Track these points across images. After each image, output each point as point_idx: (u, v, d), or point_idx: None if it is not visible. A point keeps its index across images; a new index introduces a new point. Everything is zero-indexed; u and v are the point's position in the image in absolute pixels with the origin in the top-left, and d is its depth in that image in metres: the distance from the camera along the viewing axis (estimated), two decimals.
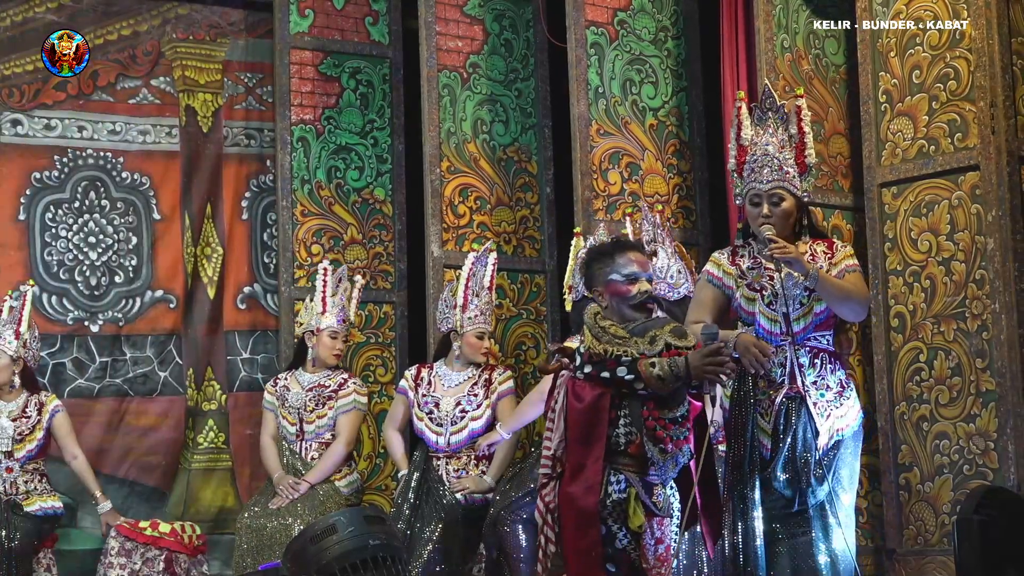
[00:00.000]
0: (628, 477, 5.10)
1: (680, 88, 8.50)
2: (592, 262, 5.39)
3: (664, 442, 5.09)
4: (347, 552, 6.16)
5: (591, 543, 5.07)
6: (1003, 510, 5.08)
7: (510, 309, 8.72)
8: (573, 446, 5.13)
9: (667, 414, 5.12)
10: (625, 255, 5.32)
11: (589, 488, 5.08)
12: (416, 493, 7.37)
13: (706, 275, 5.71)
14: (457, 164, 8.75)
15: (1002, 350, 6.56)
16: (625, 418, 5.10)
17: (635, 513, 5.11)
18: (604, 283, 5.29)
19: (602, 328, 5.18)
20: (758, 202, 5.58)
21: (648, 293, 5.27)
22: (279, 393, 7.88)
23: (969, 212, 6.72)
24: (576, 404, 5.13)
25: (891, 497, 6.90)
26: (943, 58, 6.83)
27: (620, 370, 5.06)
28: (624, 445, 5.10)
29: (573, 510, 5.10)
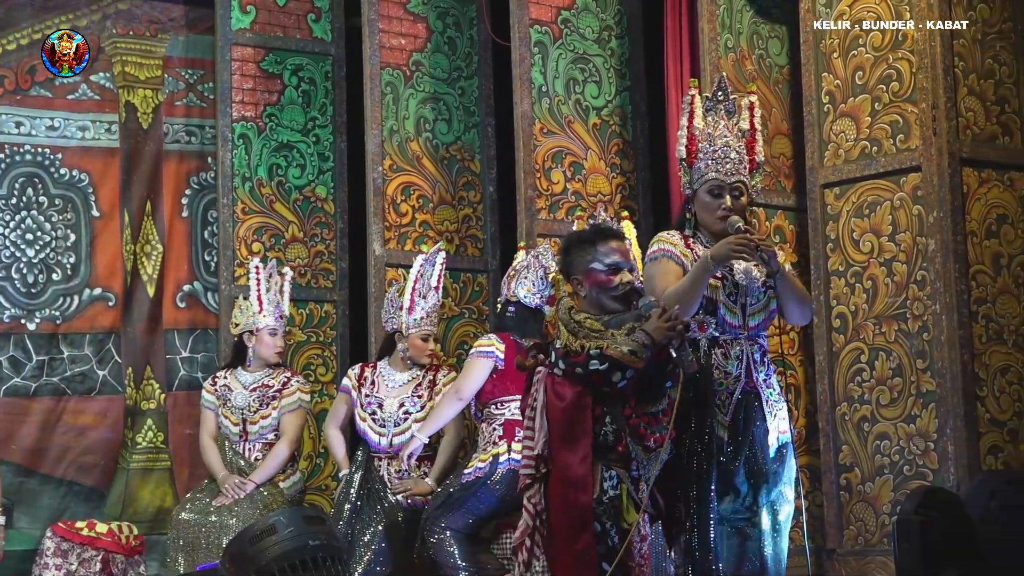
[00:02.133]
0: (619, 474, 5.07)
1: (624, 87, 8.49)
2: (572, 248, 5.31)
3: (647, 439, 5.06)
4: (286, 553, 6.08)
5: (585, 545, 5.03)
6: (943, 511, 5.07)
7: (452, 308, 8.69)
8: (557, 445, 5.08)
9: (649, 408, 5.09)
10: (607, 244, 5.26)
11: (581, 488, 5.04)
12: (358, 494, 7.32)
13: (663, 252, 5.37)
14: (400, 162, 8.71)
15: (942, 351, 6.58)
16: (609, 415, 5.07)
17: (628, 510, 5.09)
18: (584, 272, 5.23)
19: (577, 323, 5.13)
20: (719, 193, 5.35)
21: (630, 284, 5.23)
22: (219, 392, 7.81)
23: (911, 213, 6.74)
24: (557, 403, 5.08)
25: (832, 497, 6.91)
26: (886, 59, 6.85)
27: (592, 363, 5.02)
28: (612, 442, 5.07)
29: (566, 511, 5.05)
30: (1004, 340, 6.73)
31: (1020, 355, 6.76)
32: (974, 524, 5.05)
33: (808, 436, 7.39)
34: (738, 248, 5.15)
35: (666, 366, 5.09)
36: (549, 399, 5.10)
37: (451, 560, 6.94)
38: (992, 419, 6.63)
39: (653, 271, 5.34)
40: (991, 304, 6.71)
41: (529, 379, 5.24)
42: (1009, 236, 6.82)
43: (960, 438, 6.50)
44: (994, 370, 6.67)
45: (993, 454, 6.60)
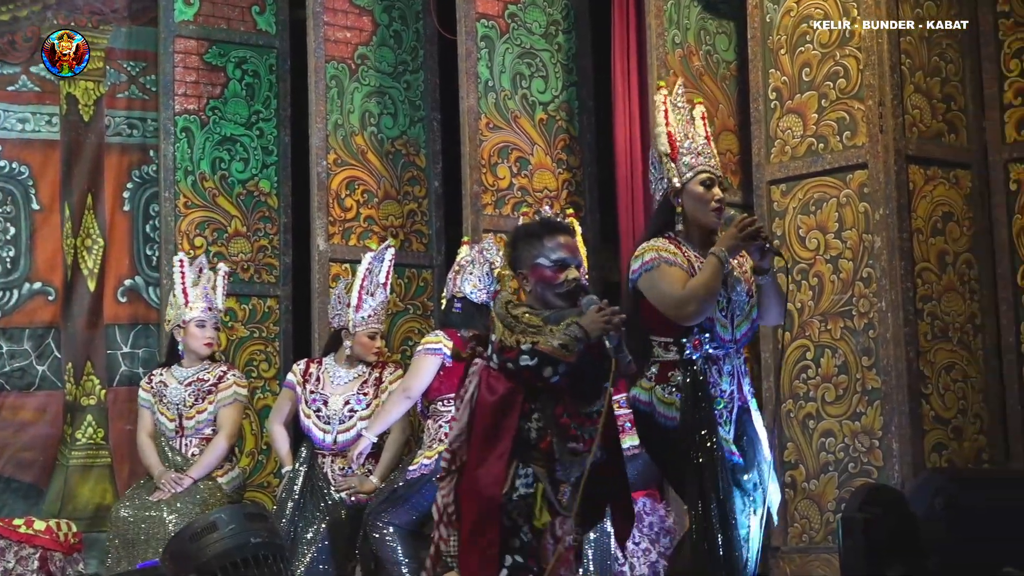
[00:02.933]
0: (536, 472, 5.02)
1: (570, 83, 8.47)
2: (519, 242, 5.24)
3: (576, 440, 5.02)
4: (228, 550, 6.05)
5: (488, 541, 4.98)
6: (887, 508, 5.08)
7: (397, 304, 8.65)
8: (478, 440, 5.03)
9: (583, 408, 5.05)
10: (555, 239, 5.18)
11: (492, 483, 4.99)
12: (301, 491, 7.27)
13: (661, 259, 5.19)
14: (344, 157, 8.66)
15: (888, 348, 6.58)
16: (538, 412, 5.02)
17: (541, 511, 5.04)
18: (530, 266, 5.17)
19: (514, 317, 5.07)
20: (711, 184, 5.27)
21: (576, 281, 5.16)
22: (155, 390, 7.72)
23: (857, 210, 6.74)
24: (488, 397, 5.03)
25: None
26: (833, 56, 6.85)
27: (523, 358, 4.97)
28: (535, 440, 5.02)
29: (474, 505, 5.00)
30: (949, 338, 6.74)
31: (965, 353, 6.77)
32: (918, 521, 5.06)
33: None
34: (745, 234, 5.12)
35: (600, 367, 5.05)
36: (481, 392, 5.05)
37: (394, 556, 6.91)
38: (937, 417, 6.64)
39: (656, 279, 5.18)
40: (936, 302, 6.72)
41: (466, 370, 5.20)
42: (954, 234, 6.83)
43: (905, 436, 6.51)
44: (939, 368, 6.68)
45: (937, 451, 6.61)
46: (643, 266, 5.22)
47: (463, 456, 5.05)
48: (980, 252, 6.89)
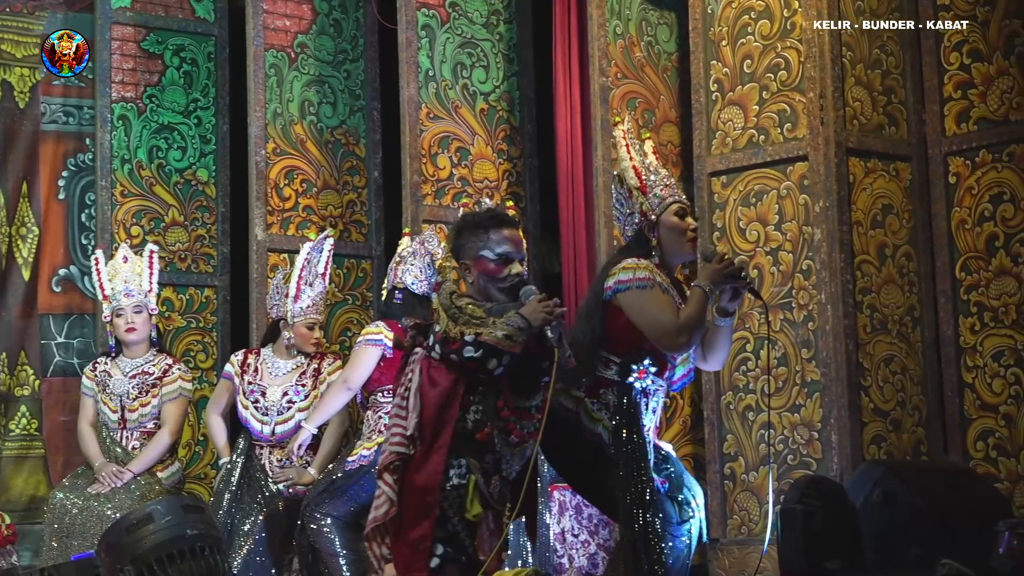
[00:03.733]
0: (470, 463, 4.99)
1: (512, 73, 8.44)
2: (464, 231, 5.20)
3: (515, 433, 5.00)
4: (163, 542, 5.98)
5: (423, 533, 4.96)
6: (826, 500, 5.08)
7: (335, 295, 8.60)
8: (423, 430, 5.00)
9: (523, 403, 5.03)
10: (500, 232, 5.15)
11: (430, 475, 4.97)
12: (238, 483, 7.22)
13: (656, 283, 5.18)
14: (283, 146, 8.60)
15: (827, 340, 6.59)
16: (478, 404, 4.99)
17: (473, 503, 5.01)
18: (474, 258, 5.13)
19: (458, 308, 5.04)
20: (684, 214, 5.30)
21: (519, 276, 5.13)
22: (99, 379, 7.64)
23: (797, 202, 6.74)
24: (430, 388, 5.00)
25: (715, 487, 6.91)
26: (774, 48, 6.85)
27: (467, 350, 4.94)
28: (472, 431, 4.99)
29: (412, 496, 4.98)
30: (888, 330, 6.76)
31: (903, 345, 6.80)
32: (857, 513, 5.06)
33: (693, 425, 7.39)
34: (729, 271, 5.16)
35: (542, 360, 5.04)
36: (424, 383, 5.02)
37: (331, 547, 6.87)
38: (875, 409, 6.66)
39: (650, 301, 5.14)
40: (875, 294, 6.74)
41: (405, 359, 5.15)
42: (894, 226, 6.85)
43: (844, 428, 6.52)
44: (878, 360, 6.70)
45: (876, 444, 6.63)
46: (635, 282, 5.18)
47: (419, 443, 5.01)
48: (919, 245, 6.91)
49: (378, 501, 5.08)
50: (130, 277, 7.64)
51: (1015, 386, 6.64)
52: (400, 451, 5.03)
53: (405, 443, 5.02)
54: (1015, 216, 6.70)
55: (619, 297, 5.16)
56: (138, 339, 7.62)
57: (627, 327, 5.15)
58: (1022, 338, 6.64)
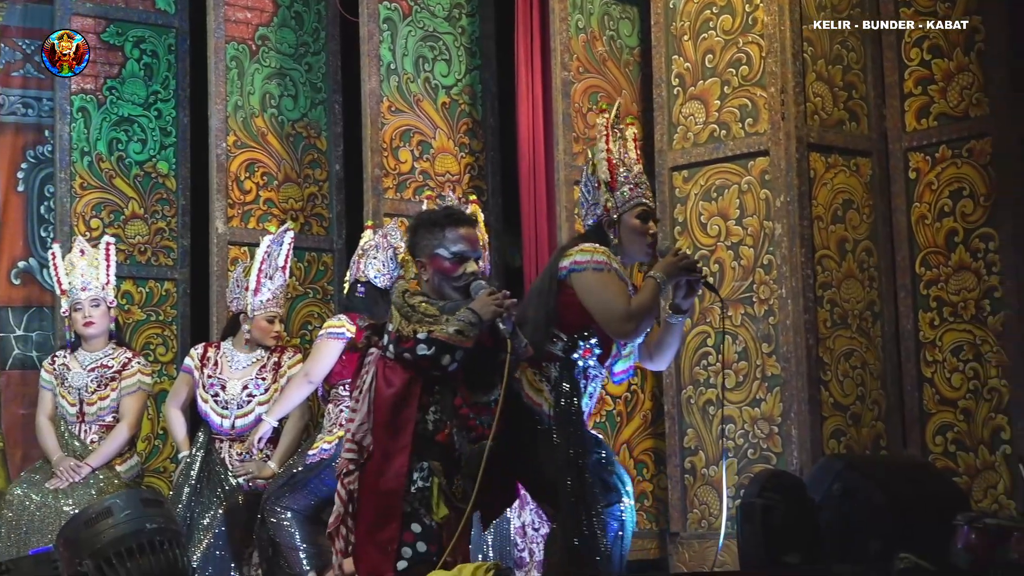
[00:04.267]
0: (432, 466, 4.99)
1: (474, 66, 8.43)
2: (420, 229, 5.19)
3: (475, 430, 4.99)
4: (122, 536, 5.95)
5: (389, 536, 4.95)
6: (786, 494, 5.10)
7: (296, 288, 8.57)
8: (379, 432, 4.99)
9: (481, 398, 5.02)
10: (456, 231, 5.14)
11: (394, 477, 4.96)
12: (198, 476, 7.20)
13: (611, 267, 5.18)
14: (244, 139, 8.56)
15: (788, 335, 6.61)
16: (436, 404, 4.99)
17: (439, 505, 5.01)
18: (429, 256, 5.13)
19: (411, 307, 5.03)
20: (647, 217, 5.28)
21: (474, 275, 5.13)
22: (58, 372, 7.60)
23: (758, 197, 6.76)
24: (385, 389, 4.99)
25: (676, 480, 6.92)
26: (736, 43, 6.87)
27: (420, 348, 4.93)
28: (433, 432, 4.99)
29: (376, 499, 4.97)
30: (848, 325, 6.78)
31: (863, 340, 6.82)
32: (816, 508, 5.08)
33: (653, 419, 7.40)
34: (684, 265, 5.16)
35: (496, 354, 5.03)
36: (378, 383, 5.01)
37: (291, 541, 6.85)
38: (835, 403, 6.68)
39: (603, 284, 5.14)
40: (836, 289, 6.76)
41: (361, 360, 5.14)
42: (854, 221, 6.87)
43: (804, 422, 6.54)
44: (838, 354, 6.73)
45: (836, 438, 6.66)
46: (592, 263, 5.17)
47: (370, 447, 5.00)
48: (879, 240, 6.94)
49: (335, 507, 5.10)
50: (87, 271, 7.60)
51: (974, 381, 6.68)
52: (351, 457, 5.03)
53: (355, 449, 5.02)
54: (974, 211, 6.73)
55: (573, 277, 5.16)
56: (96, 333, 7.58)
57: (578, 307, 5.14)
58: (981, 333, 6.67)
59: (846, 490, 5.07)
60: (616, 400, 7.37)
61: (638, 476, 7.40)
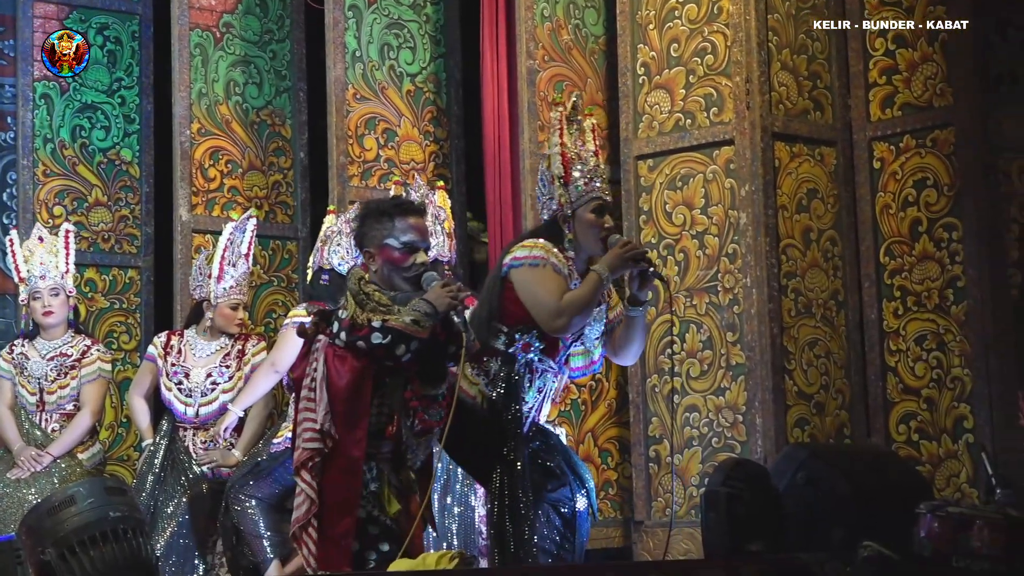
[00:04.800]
0: (380, 467, 4.99)
1: (439, 55, 8.41)
2: (368, 219, 5.15)
3: (424, 424, 4.98)
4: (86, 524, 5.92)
5: (345, 530, 4.93)
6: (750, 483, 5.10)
7: (261, 276, 8.54)
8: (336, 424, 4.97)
9: (430, 391, 5.01)
10: (405, 220, 5.10)
11: (353, 471, 4.94)
12: (161, 465, 7.17)
13: (548, 262, 5.15)
14: (208, 126, 8.53)
15: (752, 324, 6.62)
16: (380, 398, 4.97)
17: (390, 501, 5.01)
18: (378, 247, 5.09)
19: (366, 295, 5.00)
20: (602, 212, 5.24)
21: (424, 265, 5.10)
22: (16, 361, 7.56)
23: (723, 186, 6.77)
24: (337, 381, 4.96)
25: (640, 469, 6.93)
26: (701, 32, 6.87)
27: (375, 336, 4.91)
28: (380, 427, 4.97)
29: (334, 493, 4.95)
30: (812, 314, 6.80)
31: (828, 329, 6.84)
32: (780, 496, 5.09)
33: (618, 408, 7.40)
34: (630, 255, 5.11)
35: (447, 347, 5.02)
36: (330, 373, 4.98)
37: (255, 530, 6.84)
38: (800, 392, 6.70)
39: (537, 279, 5.12)
40: (800, 278, 6.78)
41: (309, 347, 5.10)
42: (819, 210, 6.89)
43: (768, 411, 6.56)
44: (802, 343, 6.74)
45: (800, 426, 6.68)
46: (529, 259, 5.16)
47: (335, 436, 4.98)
48: (844, 229, 6.96)
49: (298, 500, 5.03)
50: (46, 258, 7.55)
51: (937, 370, 6.71)
52: (314, 447, 4.98)
53: (318, 438, 4.98)
54: (938, 201, 6.76)
55: (512, 272, 5.16)
56: (56, 322, 7.54)
57: (518, 302, 5.14)
58: (944, 322, 6.70)
59: (810, 479, 5.08)
60: (581, 389, 7.38)
61: (602, 464, 7.41)
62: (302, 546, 5.03)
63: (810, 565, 4.62)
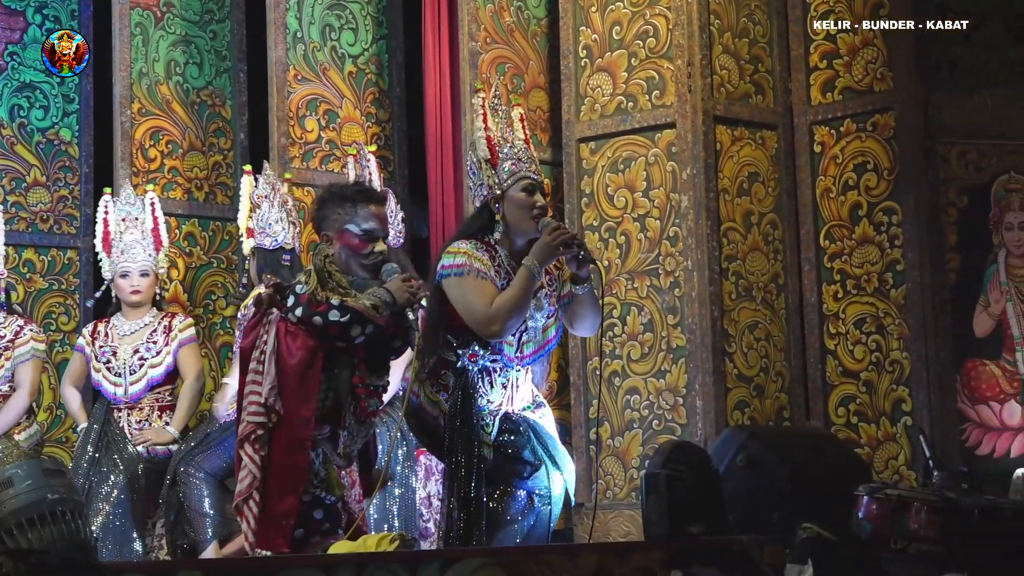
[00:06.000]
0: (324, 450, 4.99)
1: (380, 36, 8.38)
2: (329, 202, 5.15)
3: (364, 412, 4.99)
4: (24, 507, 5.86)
5: (285, 510, 4.92)
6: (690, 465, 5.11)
7: (200, 257, 8.49)
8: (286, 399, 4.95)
9: (375, 380, 5.02)
10: (367, 207, 5.11)
11: (300, 449, 4.93)
12: (95, 446, 7.14)
13: (473, 269, 5.09)
14: (149, 106, 8.46)
15: (693, 307, 6.64)
16: (326, 383, 4.97)
17: (337, 483, 5.02)
18: (338, 232, 5.09)
19: (329, 273, 5.01)
20: (533, 190, 5.21)
21: (382, 255, 5.11)
22: None
23: (665, 169, 6.78)
24: (288, 359, 4.95)
25: (581, 451, 6.94)
26: (643, 15, 6.87)
27: (332, 313, 4.91)
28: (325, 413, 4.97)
29: (281, 469, 4.94)
30: (753, 297, 6.82)
31: (768, 312, 6.87)
32: (720, 478, 5.11)
33: (559, 390, 7.40)
34: (558, 242, 5.07)
35: (394, 341, 5.03)
36: (280, 349, 4.97)
37: (200, 506, 6.83)
38: (740, 375, 6.72)
39: (464, 288, 5.07)
40: (741, 261, 6.80)
41: (260, 318, 5.08)
42: (760, 194, 6.91)
43: (708, 393, 6.58)
44: (742, 326, 6.76)
45: (740, 409, 6.70)
46: (453, 268, 5.12)
47: (280, 411, 4.96)
48: (784, 213, 6.98)
49: (241, 474, 5.02)
50: None
51: (876, 353, 6.74)
52: (258, 421, 4.97)
53: (262, 412, 4.97)
54: (878, 185, 6.79)
55: (443, 283, 5.12)
56: None
57: (454, 311, 5.13)
58: (884, 306, 6.74)
59: (749, 461, 5.10)
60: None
61: None
62: (243, 519, 5.02)
63: (749, 547, 4.64)
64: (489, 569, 4.15)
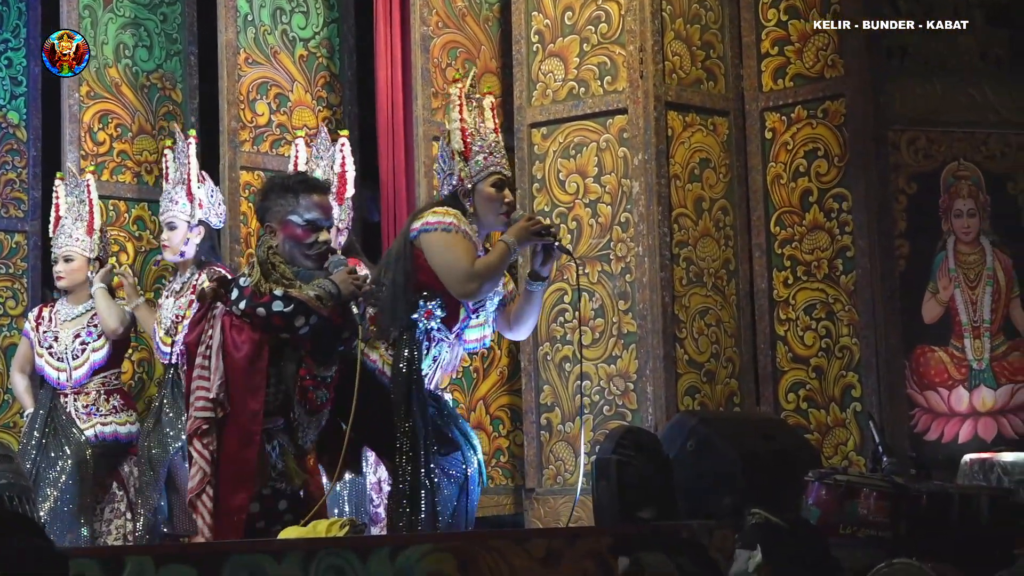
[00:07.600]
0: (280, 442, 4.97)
1: (332, 19, 8.34)
2: (271, 193, 5.12)
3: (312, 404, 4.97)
4: None
5: (238, 505, 4.90)
6: (640, 450, 5.13)
7: (150, 241, 8.44)
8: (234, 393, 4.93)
9: (322, 372, 5.00)
10: (310, 197, 5.08)
11: (249, 443, 4.91)
12: (42, 431, 7.11)
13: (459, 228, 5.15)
14: (97, 89, 8.39)
15: (644, 292, 6.65)
16: (274, 376, 4.95)
17: (296, 473, 5.00)
18: (281, 222, 5.07)
19: (272, 265, 4.98)
20: (502, 186, 5.27)
21: (327, 244, 5.08)
22: None
23: (616, 155, 6.78)
24: (235, 353, 4.92)
25: (532, 437, 6.95)
26: (595, 1, 6.86)
27: (276, 304, 4.88)
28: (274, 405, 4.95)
29: (230, 464, 4.91)
30: (703, 283, 6.84)
31: (718, 297, 6.88)
32: (670, 464, 5.12)
33: (510, 376, 7.41)
34: (535, 230, 5.16)
35: (341, 332, 5.01)
36: (226, 344, 4.94)
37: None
38: (690, 360, 6.74)
39: (449, 243, 5.12)
40: (692, 247, 6.81)
41: (206, 312, 5.05)
42: (711, 180, 6.92)
43: (659, 379, 6.59)
44: (693, 312, 6.78)
45: (690, 395, 6.72)
46: (440, 225, 5.15)
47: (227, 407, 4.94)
48: (735, 199, 7.00)
49: (192, 470, 5.00)
50: None
51: (826, 339, 6.77)
52: (205, 415, 4.94)
53: (210, 407, 4.94)
54: (829, 172, 6.81)
55: (422, 237, 5.15)
56: None
57: (426, 269, 5.14)
58: (834, 292, 6.77)
59: (700, 446, 5.12)
60: (473, 356, 7.37)
61: (494, 432, 7.42)
62: (198, 515, 4.99)
63: (699, 532, 4.66)
64: (439, 555, 4.15)
